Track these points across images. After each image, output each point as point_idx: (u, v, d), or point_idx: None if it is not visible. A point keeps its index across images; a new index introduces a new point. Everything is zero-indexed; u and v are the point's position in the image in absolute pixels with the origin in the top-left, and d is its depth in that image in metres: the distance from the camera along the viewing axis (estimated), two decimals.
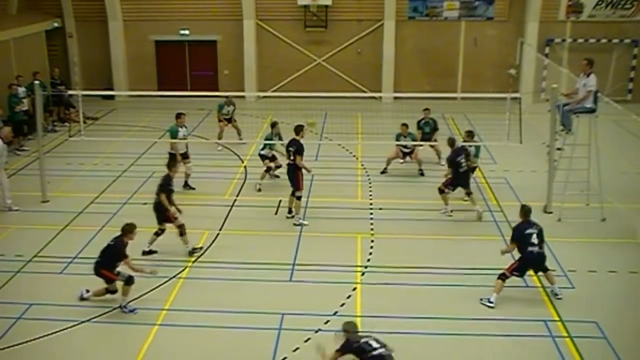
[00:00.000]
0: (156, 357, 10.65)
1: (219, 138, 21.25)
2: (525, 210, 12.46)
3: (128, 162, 20.14)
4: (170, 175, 14.21)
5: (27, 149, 19.47)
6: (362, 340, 9.21)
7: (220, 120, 21.51)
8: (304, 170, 15.76)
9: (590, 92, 15.51)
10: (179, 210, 14.22)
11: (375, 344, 9.15)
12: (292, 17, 28.06)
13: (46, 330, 11.18)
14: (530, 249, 12.03)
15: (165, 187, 14.03)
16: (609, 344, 10.84)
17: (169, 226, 14.05)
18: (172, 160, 14.68)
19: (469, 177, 16.40)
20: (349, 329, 9.38)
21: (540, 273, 12.53)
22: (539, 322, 11.53)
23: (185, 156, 17.60)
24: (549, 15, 27.19)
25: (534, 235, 12.07)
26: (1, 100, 21.31)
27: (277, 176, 18.34)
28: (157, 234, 14.04)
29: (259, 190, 17.74)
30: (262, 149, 18.09)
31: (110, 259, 11.89)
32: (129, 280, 11.84)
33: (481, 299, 12.18)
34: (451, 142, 16.47)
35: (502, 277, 12.19)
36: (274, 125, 18.15)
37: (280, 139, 18.01)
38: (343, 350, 9.26)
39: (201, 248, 14.26)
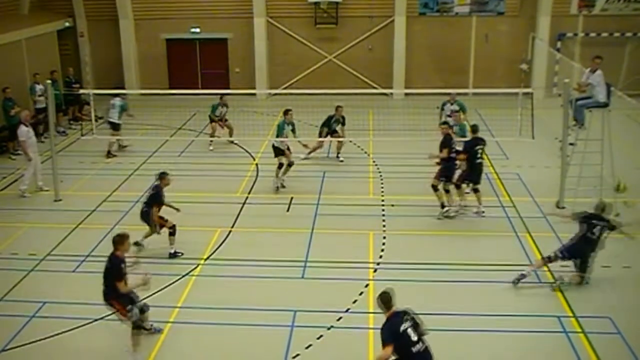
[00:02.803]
0: (169, 355, 10.68)
1: (212, 136, 21.25)
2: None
3: (140, 160, 20.21)
4: (160, 186, 14.01)
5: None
6: (401, 328, 8.70)
7: (212, 121, 21.31)
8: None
9: (589, 84, 15.55)
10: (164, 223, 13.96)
11: (413, 336, 8.69)
12: (302, 15, 28.03)
13: (60, 328, 11.23)
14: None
15: (158, 198, 13.88)
16: (623, 339, 10.77)
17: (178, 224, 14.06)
18: (164, 172, 14.25)
19: (482, 170, 15.92)
20: (385, 300, 8.94)
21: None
22: (552, 317, 11.47)
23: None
24: (561, 10, 27.04)
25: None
26: (18, 99, 21.38)
27: (284, 186, 17.74)
28: (171, 234, 13.94)
29: (278, 188, 17.54)
30: (277, 135, 17.63)
31: (113, 284, 10.32)
32: (137, 325, 10.47)
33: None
34: (474, 128, 15.91)
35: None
36: (286, 112, 17.86)
37: (294, 129, 17.91)
38: (387, 338, 8.72)
39: (182, 253, 13.96)
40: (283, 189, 17.52)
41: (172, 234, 13.94)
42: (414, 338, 8.72)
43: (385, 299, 9.01)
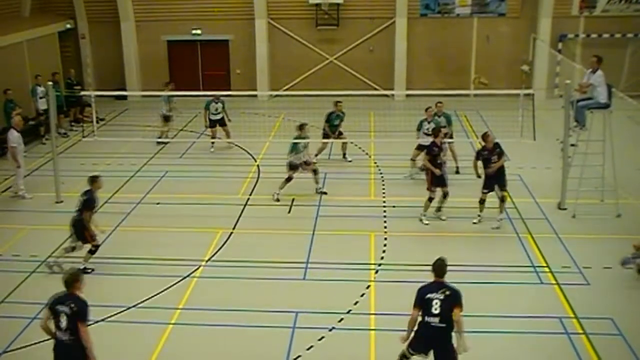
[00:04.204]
0: (171, 356, 10.67)
1: (213, 138, 21.21)
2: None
3: (141, 162, 20.20)
4: (92, 190, 13.40)
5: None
6: (427, 295, 9.04)
7: (211, 126, 21.16)
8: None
9: (590, 85, 15.50)
10: (102, 231, 13.66)
11: (434, 309, 8.93)
12: (303, 16, 28.05)
13: None
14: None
15: (91, 203, 13.28)
16: (624, 341, 10.76)
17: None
18: (95, 176, 13.64)
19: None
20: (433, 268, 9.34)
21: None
22: (553, 318, 11.47)
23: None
24: (562, 11, 27.03)
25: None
26: (19, 101, 21.42)
27: (325, 192, 17.44)
28: (67, 250, 13.38)
29: (277, 200, 16.94)
30: (290, 152, 17.05)
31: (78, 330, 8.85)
32: None
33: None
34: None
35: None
36: (302, 127, 17.20)
37: (306, 144, 17.32)
38: (415, 299, 9.18)
39: (92, 270, 13.32)
40: (282, 197, 17.47)
41: (92, 252, 13.35)
42: (435, 311, 8.90)
43: (433, 267, 9.38)
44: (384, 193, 17.44)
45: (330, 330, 11.21)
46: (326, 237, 14.94)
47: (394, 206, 16.46)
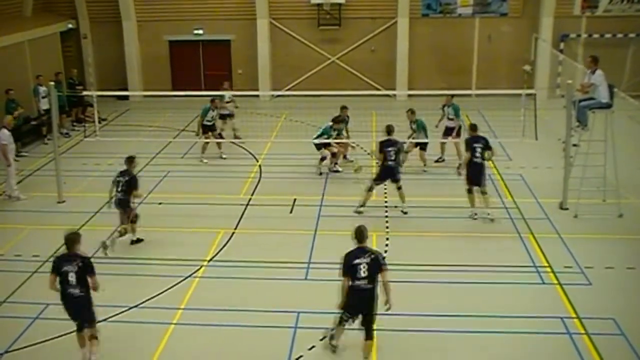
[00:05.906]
0: (173, 356, 10.68)
1: (207, 139, 20.46)
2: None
3: (143, 162, 20.11)
4: (131, 169, 14.49)
5: (26, 154, 18.90)
6: (354, 261, 9.87)
7: (204, 132, 20.42)
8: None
9: (592, 85, 15.49)
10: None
11: (362, 272, 9.76)
12: (305, 16, 28.07)
13: (63, 329, 11.17)
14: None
15: (135, 182, 14.31)
16: (626, 341, 10.75)
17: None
18: (132, 156, 14.75)
19: (484, 171, 15.61)
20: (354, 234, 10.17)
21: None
22: (555, 319, 11.46)
23: None
24: (564, 11, 27.04)
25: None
26: (21, 101, 21.44)
27: (338, 170, 18.93)
28: (133, 222, 14.50)
29: (321, 173, 18.60)
30: (317, 137, 18.36)
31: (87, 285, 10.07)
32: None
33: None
34: (473, 127, 15.95)
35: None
36: (337, 120, 18.63)
37: (339, 133, 18.78)
38: (342, 267, 9.97)
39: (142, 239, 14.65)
40: (284, 196, 17.48)
41: (133, 221, 14.48)
42: (362, 274, 9.81)
43: (356, 233, 10.30)
44: (385, 193, 17.42)
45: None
46: (328, 237, 14.92)
47: (395, 206, 16.44)
